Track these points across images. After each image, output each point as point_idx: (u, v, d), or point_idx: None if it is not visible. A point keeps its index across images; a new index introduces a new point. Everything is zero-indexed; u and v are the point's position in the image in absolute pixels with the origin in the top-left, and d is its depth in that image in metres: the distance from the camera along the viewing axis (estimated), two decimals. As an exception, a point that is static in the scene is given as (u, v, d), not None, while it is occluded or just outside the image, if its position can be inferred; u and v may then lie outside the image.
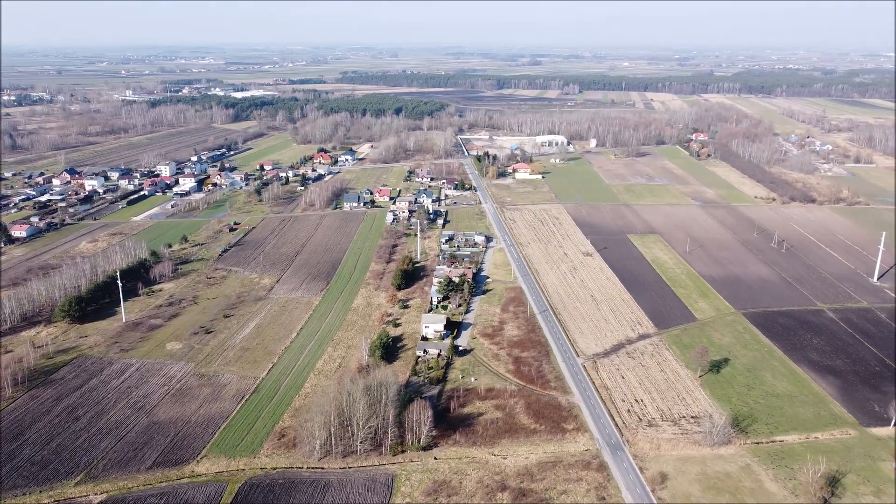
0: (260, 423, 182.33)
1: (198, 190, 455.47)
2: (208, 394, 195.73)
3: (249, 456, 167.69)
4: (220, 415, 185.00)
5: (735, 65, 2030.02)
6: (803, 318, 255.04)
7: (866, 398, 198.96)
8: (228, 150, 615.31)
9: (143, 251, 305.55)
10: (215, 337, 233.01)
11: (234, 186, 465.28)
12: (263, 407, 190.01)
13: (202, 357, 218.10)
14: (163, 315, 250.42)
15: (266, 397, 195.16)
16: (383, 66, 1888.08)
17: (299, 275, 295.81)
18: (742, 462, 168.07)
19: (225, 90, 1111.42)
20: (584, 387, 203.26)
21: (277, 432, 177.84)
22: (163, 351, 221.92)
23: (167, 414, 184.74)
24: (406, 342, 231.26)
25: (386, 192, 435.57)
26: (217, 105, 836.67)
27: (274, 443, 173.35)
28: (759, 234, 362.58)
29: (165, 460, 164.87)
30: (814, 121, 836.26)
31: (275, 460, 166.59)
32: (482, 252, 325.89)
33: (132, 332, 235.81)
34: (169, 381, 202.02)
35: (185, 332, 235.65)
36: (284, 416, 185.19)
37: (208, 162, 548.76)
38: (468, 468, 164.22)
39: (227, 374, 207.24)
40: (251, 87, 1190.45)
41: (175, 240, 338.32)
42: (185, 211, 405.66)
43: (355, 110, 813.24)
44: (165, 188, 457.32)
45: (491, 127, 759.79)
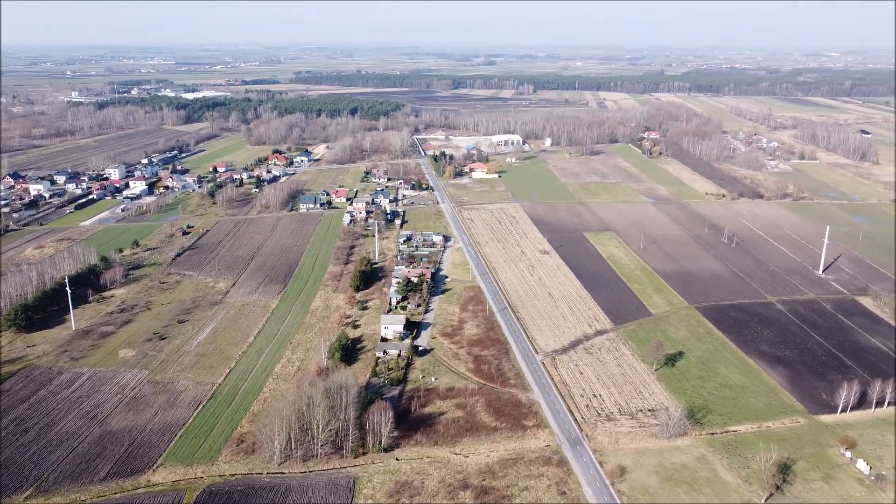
0: (218, 429, 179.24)
1: (149, 193, 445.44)
2: (163, 401, 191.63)
3: (207, 463, 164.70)
4: (176, 422, 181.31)
5: (684, 64, 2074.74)
6: (753, 310, 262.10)
7: (814, 387, 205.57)
8: (180, 153, 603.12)
9: (93, 257, 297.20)
10: (170, 343, 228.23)
11: (186, 189, 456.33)
12: (221, 413, 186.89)
13: (156, 364, 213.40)
14: (114, 322, 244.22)
15: (223, 403, 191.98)
16: (338, 67, 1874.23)
17: (256, 278, 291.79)
18: (698, 453, 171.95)
19: (176, 91, 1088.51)
20: (544, 383, 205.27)
21: (236, 438, 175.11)
22: (115, 359, 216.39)
23: (121, 423, 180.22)
24: (366, 343, 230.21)
25: (342, 193, 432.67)
26: (168, 106, 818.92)
27: (232, 449, 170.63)
28: (710, 229, 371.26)
29: (120, 471, 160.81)
30: (760, 119, 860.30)
31: (234, 467, 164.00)
32: (440, 252, 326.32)
33: (82, 340, 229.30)
34: (122, 390, 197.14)
35: (138, 339, 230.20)
36: (243, 422, 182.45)
37: (159, 164, 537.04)
38: (430, 468, 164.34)
39: (183, 381, 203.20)
40: (203, 88, 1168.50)
41: (126, 244, 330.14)
42: (136, 215, 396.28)
43: (310, 111, 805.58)
44: (115, 192, 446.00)
45: (447, 127, 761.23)
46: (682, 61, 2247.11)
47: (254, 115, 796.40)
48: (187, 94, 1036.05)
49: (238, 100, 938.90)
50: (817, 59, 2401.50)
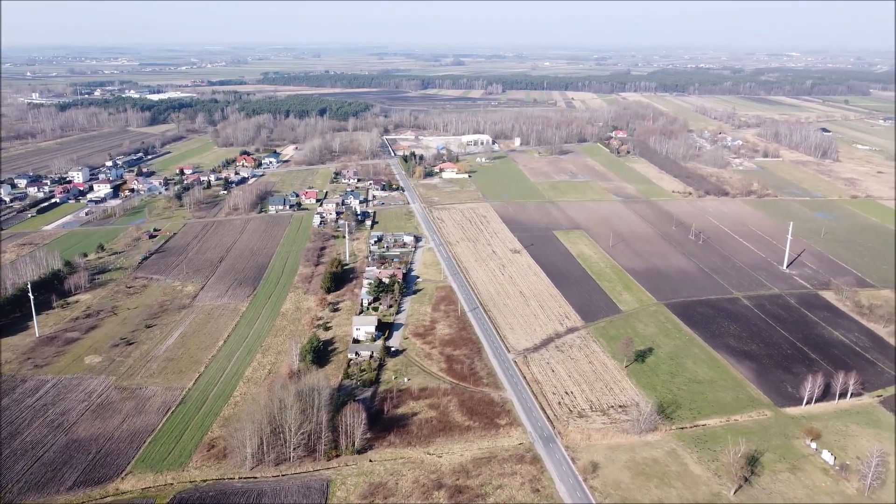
0: (188, 434, 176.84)
1: (114, 196, 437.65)
2: (131, 407, 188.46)
3: (178, 469, 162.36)
4: (144, 429, 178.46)
5: (650, 64, 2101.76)
6: (720, 306, 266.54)
7: (780, 380, 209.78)
8: (146, 155, 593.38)
9: (57, 261, 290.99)
10: (137, 348, 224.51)
11: (152, 192, 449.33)
12: (191, 418, 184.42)
13: (124, 370, 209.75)
14: (80, 328, 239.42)
15: (193, 408, 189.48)
16: (306, 67, 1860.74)
17: (225, 281, 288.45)
18: (668, 447, 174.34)
19: (140, 92, 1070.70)
20: (516, 382, 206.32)
21: (207, 443, 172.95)
22: (81, 365, 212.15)
23: (87, 431, 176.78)
24: (337, 345, 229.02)
25: (312, 195, 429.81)
26: (132, 108, 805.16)
27: (203, 454, 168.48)
28: (677, 227, 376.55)
29: (87, 479, 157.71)
30: (725, 117, 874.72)
31: (205, 472, 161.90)
32: (412, 252, 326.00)
33: (47, 346, 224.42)
34: (88, 397, 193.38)
35: (104, 345, 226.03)
36: (213, 427, 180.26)
37: (124, 167, 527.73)
38: (404, 469, 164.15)
39: (152, 387, 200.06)
40: (168, 89, 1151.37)
41: (91, 249, 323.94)
42: (101, 218, 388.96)
43: (278, 112, 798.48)
44: (79, 195, 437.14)
45: (417, 127, 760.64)
46: (647, 61, 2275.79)
47: (221, 116, 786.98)
48: (152, 95, 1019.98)
49: (205, 101, 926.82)
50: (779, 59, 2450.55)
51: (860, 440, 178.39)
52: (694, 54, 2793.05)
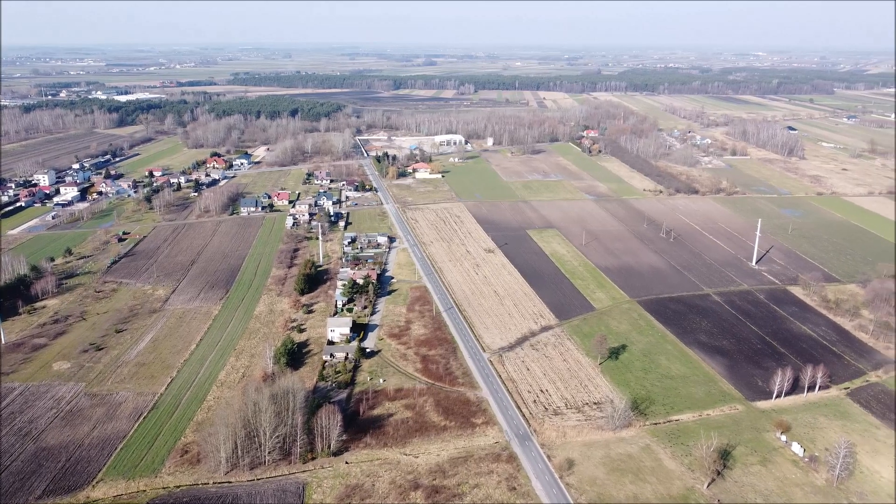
0: (160, 440, 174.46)
1: (81, 199, 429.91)
2: (102, 414, 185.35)
3: (150, 476, 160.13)
4: (116, 435, 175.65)
5: (620, 64, 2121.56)
6: (692, 302, 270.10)
7: (750, 374, 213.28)
8: (114, 157, 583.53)
9: (23, 266, 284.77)
10: (107, 353, 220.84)
11: (121, 194, 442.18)
12: (163, 423, 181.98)
13: (93, 376, 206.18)
14: (47, 334, 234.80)
15: (166, 413, 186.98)
16: (276, 67, 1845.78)
17: (196, 284, 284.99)
18: (642, 443, 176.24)
19: (108, 93, 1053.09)
20: (492, 381, 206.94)
21: (180, 449, 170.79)
22: (49, 372, 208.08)
23: (57, 438, 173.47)
24: (312, 347, 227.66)
25: (284, 196, 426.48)
26: (99, 109, 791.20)
27: (176, 460, 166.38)
28: (648, 225, 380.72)
29: (57, 488, 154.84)
30: (694, 116, 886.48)
31: (178, 478, 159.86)
32: (386, 253, 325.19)
33: (13, 353, 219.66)
34: (57, 404, 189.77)
35: (73, 351, 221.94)
36: (187, 432, 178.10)
37: (92, 169, 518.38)
38: (380, 470, 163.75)
39: (123, 392, 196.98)
40: (136, 90, 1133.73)
41: (58, 253, 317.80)
42: (68, 222, 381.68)
43: (249, 112, 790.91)
44: (45, 198, 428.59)
45: (389, 127, 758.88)
46: (618, 61, 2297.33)
47: (190, 117, 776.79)
48: (120, 96, 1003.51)
49: (174, 102, 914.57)
50: (746, 59, 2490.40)
51: (828, 432, 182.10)
52: (663, 54, 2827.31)
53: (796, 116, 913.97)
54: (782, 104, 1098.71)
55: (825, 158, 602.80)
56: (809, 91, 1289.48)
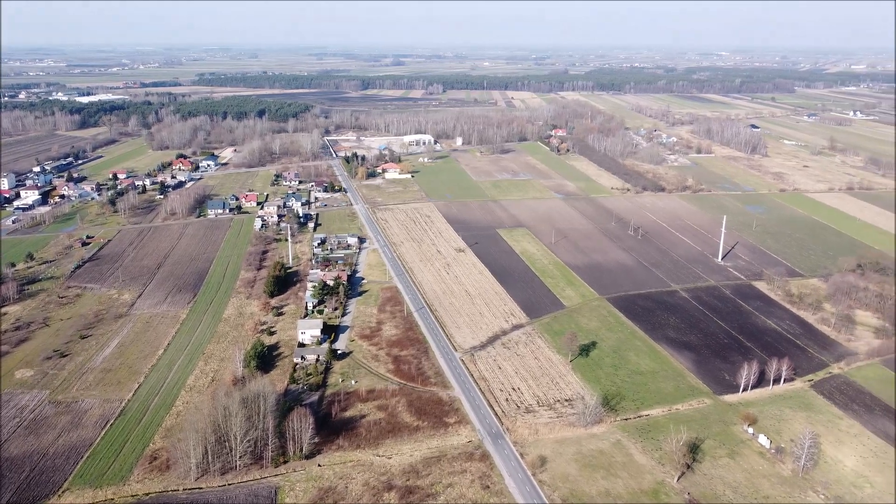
0: (128, 447, 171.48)
1: (43, 203, 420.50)
2: (67, 422, 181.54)
3: (118, 484, 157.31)
4: (82, 443, 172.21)
5: (587, 63, 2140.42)
6: (660, 299, 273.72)
7: (718, 368, 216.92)
8: (76, 159, 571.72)
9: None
10: (72, 360, 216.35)
11: (84, 198, 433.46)
12: (131, 430, 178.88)
13: (58, 383, 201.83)
14: (9, 341, 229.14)
15: (133, 420, 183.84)
16: (242, 68, 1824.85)
17: (163, 288, 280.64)
18: (613, 438, 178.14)
19: (69, 94, 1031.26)
20: (464, 380, 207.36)
21: (149, 455, 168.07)
22: (11, 380, 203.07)
23: (20, 448, 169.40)
24: (282, 350, 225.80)
25: (252, 198, 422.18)
26: (61, 111, 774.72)
27: (145, 467, 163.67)
28: (616, 222, 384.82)
29: (21, 499, 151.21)
30: (659, 115, 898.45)
31: (147, 485, 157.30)
32: (356, 253, 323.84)
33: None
34: (20, 413, 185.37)
35: (36, 358, 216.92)
36: (155, 438, 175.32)
37: (53, 172, 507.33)
38: (353, 472, 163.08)
39: (89, 399, 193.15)
40: (98, 91, 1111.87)
41: (19, 258, 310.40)
42: (29, 226, 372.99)
43: (215, 113, 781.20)
44: (4, 202, 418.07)
45: (358, 128, 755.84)
46: (584, 60, 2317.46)
47: (155, 118, 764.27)
48: (82, 97, 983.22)
49: (138, 103, 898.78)
50: (709, 58, 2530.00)
51: (793, 423, 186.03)
52: (629, 54, 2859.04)
53: (759, 115, 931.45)
54: (745, 103, 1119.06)
55: (787, 156, 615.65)
56: (771, 90, 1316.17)
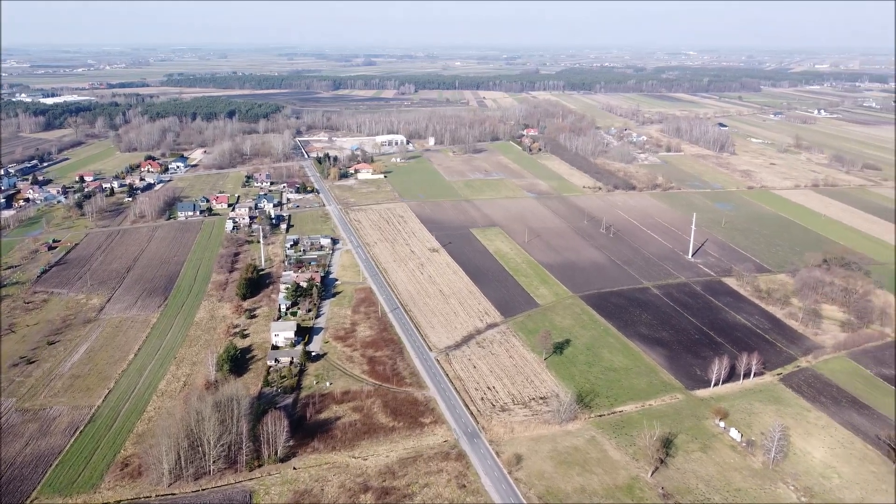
0: (99, 454, 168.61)
1: (7, 207, 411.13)
2: (35, 430, 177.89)
3: (89, 492, 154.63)
4: (50, 451, 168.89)
5: (558, 63, 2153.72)
6: (632, 296, 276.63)
7: (689, 364, 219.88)
8: (41, 162, 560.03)
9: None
10: (39, 367, 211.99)
11: (49, 201, 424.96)
12: (101, 437, 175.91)
13: (25, 390, 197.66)
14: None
15: (104, 426, 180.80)
16: (212, 68, 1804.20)
17: (133, 292, 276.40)
18: (588, 435, 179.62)
19: (33, 96, 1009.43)
20: (439, 380, 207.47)
21: (120, 462, 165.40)
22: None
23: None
24: (256, 353, 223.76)
25: (223, 199, 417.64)
26: (24, 112, 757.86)
27: (116, 474, 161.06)
28: (589, 221, 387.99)
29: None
30: (630, 114, 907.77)
31: (119, 493, 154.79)
32: (329, 255, 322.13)
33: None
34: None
35: (2, 365, 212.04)
36: (126, 444, 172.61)
37: (18, 175, 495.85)
38: (329, 474, 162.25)
39: (57, 406, 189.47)
40: (64, 92, 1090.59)
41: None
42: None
43: (184, 114, 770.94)
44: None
45: (330, 128, 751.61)
46: (555, 60, 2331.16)
47: (123, 119, 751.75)
48: (46, 98, 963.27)
49: (104, 104, 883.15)
50: (678, 58, 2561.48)
51: (764, 417, 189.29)
52: (599, 53, 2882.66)
53: (726, 113, 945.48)
54: (713, 102, 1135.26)
55: (754, 153, 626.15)
56: (738, 89, 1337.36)
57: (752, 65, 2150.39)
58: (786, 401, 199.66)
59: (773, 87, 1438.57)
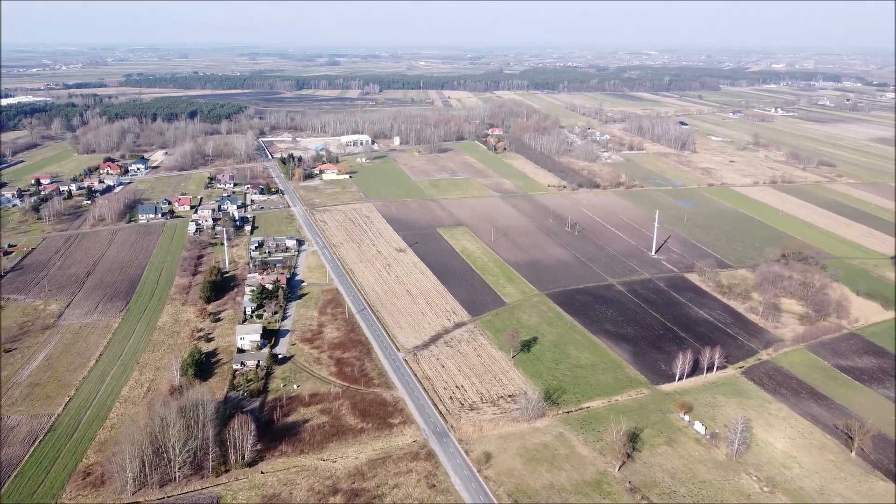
0: (59, 464, 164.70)
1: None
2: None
3: (50, 502, 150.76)
4: (8, 462, 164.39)
5: (522, 63, 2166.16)
6: (597, 293, 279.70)
7: (654, 359, 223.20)
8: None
9: None
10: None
11: (4, 205, 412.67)
12: (62, 446, 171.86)
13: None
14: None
15: (64, 435, 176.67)
16: (172, 68, 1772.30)
17: (93, 297, 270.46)
18: (556, 432, 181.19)
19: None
20: (407, 380, 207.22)
21: (81, 471, 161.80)
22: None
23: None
24: (221, 356, 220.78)
25: (186, 201, 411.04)
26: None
27: (78, 484, 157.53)
28: (554, 219, 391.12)
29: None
30: (593, 113, 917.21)
31: (81, 502, 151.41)
32: (295, 256, 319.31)
33: None
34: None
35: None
36: (88, 453, 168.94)
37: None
38: (298, 477, 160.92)
39: (15, 416, 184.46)
40: (18, 93, 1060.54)
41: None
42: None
43: (144, 115, 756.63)
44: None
45: (293, 128, 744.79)
46: (519, 60, 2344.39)
47: (80, 121, 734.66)
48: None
49: (61, 105, 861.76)
50: (639, 58, 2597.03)
51: (727, 409, 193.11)
52: (562, 53, 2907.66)
53: (687, 112, 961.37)
54: (674, 100, 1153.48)
55: (714, 151, 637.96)
56: (698, 88, 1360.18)
57: (712, 64, 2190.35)
58: (748, 393, 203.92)
59: (731, 85, 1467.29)
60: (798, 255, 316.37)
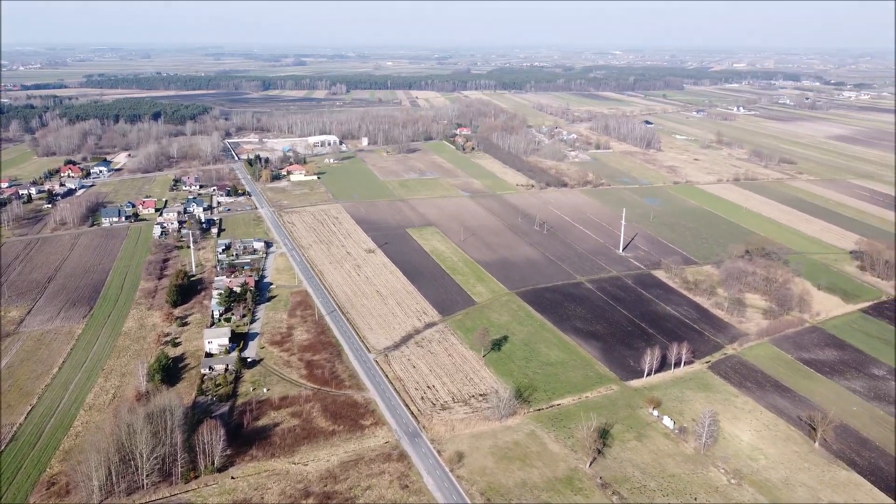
0: (22, 474, 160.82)
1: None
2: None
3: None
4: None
5: (489, 63, 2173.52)
6: (567, 291, 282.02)
7: (623, 356, 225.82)
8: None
9: None
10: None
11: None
12: (24, 456, 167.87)
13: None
14: None
15: (27, 444, 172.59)
16: (135, 69, 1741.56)
17: (55, 303, 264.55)
18: (528, 429, 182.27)
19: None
20: (379, 381, 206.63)
21: (45, 482, 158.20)
22: None
23: None
24: (189, 361, 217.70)
25: (150, 204, 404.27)
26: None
27: (42, 494, 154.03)
28: (523, 218, 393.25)
29: None
30: (560, 113, 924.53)
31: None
32: (263, 258, 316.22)
33: None
34: None
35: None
36: (52, 462, 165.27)
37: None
38: (269, 482, 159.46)
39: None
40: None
41: None
42: None
43: (106, 116, 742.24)
44: None
45: (260, 129, 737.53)
46: (486, 60, 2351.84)
47: (39, 122, 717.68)
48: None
49: (19, 107, 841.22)
50: (604, 57, 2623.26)
51: (694, 404, 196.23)
52: (529, 53, 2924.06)
53: (652, 111, 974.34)
54: (639, 100, 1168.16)
55: (679, 150, 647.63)
56: (662, 87, 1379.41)
57: (676, 64, 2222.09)
58: (714, 387, 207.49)
59: (695, 85, 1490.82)
60: (761, 250, 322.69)
